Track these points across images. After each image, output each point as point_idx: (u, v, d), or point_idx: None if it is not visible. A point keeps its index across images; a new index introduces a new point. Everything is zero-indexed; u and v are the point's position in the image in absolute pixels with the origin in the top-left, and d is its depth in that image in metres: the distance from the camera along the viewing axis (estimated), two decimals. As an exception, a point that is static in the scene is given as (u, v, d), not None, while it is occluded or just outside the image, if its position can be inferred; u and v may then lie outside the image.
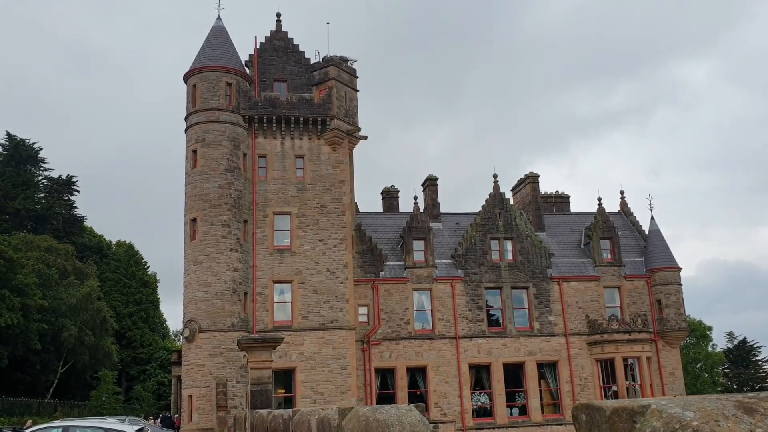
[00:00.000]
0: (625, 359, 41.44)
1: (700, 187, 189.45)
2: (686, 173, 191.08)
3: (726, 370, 71.82)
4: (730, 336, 76.85)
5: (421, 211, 44.75)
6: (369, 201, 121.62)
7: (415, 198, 44.70)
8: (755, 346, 74.51)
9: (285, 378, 37.93)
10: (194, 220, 39.19)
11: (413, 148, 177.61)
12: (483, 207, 44.67)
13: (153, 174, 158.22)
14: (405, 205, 48.89)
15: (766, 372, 73.35)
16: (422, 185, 48.24)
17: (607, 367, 41.86)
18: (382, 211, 48.68)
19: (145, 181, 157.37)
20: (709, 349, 67.92)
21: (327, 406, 7.56)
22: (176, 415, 47.01)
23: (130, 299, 71.89)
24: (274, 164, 41.42)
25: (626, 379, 41.32)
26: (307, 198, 41.18)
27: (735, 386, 72.09)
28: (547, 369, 42.53)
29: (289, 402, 37.03)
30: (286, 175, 41.39)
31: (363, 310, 41.45)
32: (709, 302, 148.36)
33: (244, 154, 40.68)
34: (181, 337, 40.20)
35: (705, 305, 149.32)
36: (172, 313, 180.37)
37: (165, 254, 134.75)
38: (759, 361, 73.94)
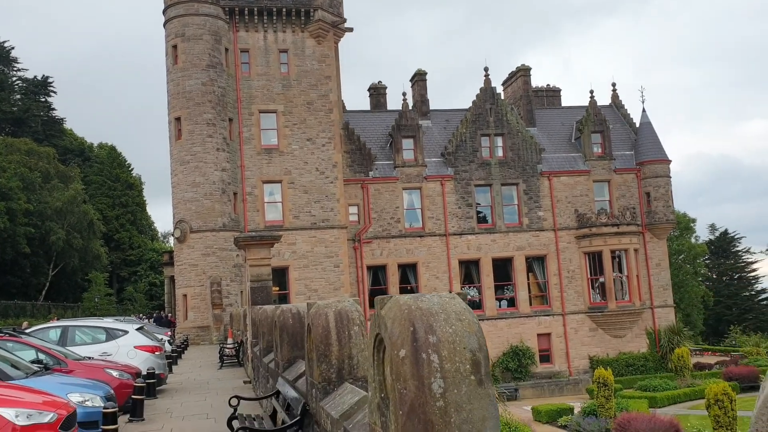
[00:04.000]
0: (612, 251, 42.03)
1: (690, 81, 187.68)
2: (678, 66, 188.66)
3: (707, 261, 73.58)
4: (712, 228, 78.25)
5: (410, 108, 43.80)
6: (355, 98, 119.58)
7: (404, 94, 43.64)
8: (736, 237, 76.06)
9: (279, 276, 38.17)
10: (178, 119, 38.20)
11: (401, 38, 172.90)
12: (473, 102, 43.77)
13: (134, 72, 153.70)
14: (393, 103, 47.89)
15: (745, 262, 75.31)
16: (411, 81, 47.02)
17: (595, 259, 42.50)
18: (369, 108, 47.68)
19: (126, 79, 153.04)
20: (693, 240, 69.24)
21: (343, 298, 7.28)
22: (170, 314, 47.65)
23: (116, 202, 71.34)
24: (257, 59, 40.02)
25: (613, 271, 42.09)
26: (292, 95, 40.09)
27: (715, 276, 74.13)
28: (536, 263, 43.13)
29: (283, 299, 37.48)
30: (270, 71, 40.10)
31: (353, 209, 41.35)
32: (692, 195, 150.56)
33: (226, 49, 39.18)
34: (172, 237, 40.10)
35: (688, 198, 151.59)
36: (160, 215, 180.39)
37: (149, 155, 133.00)
38: (739, 251, 75.68)
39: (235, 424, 9.02)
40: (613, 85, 49.50)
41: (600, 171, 44.13)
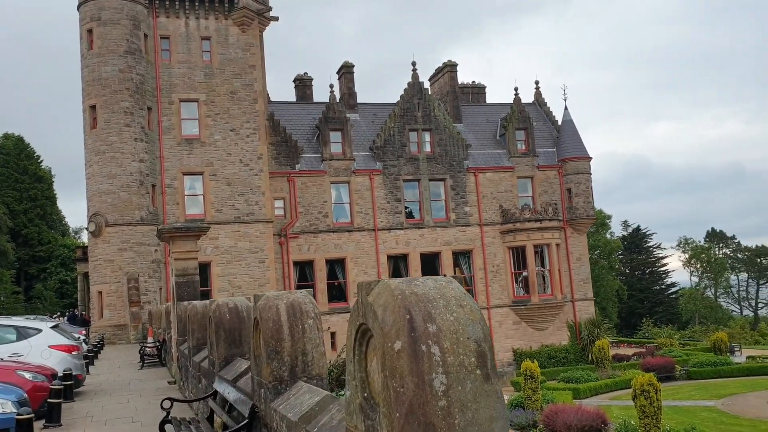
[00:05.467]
0: (535, 246, 42.80)
1: (606, 82, 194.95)
2: (595, 67, 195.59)
3: (621, 256, 76.40)
4: (626, 224, 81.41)
5: (338, 100, 43.21)
6: (281, 89, 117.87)
7: (331, 86, 43.01)
8: (647, 233, 79.34)
9: (200, 272, 36.81)
10: (93, 107, 36.25)
11: (327, 29, 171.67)
12: (401, 97, 43.61)
13: (44, 57, 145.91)
14: (319, 95, 47.27)
15: (656, 257, 78.67)
16: (338, 73, 46.41)
17: (519, 254, 43.17)
18: (295, 100, 46.77)
19: (35, 65, 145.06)
20: (608, 236, 71.70)
21: (294, 291, 6.68)
22: (84, 312, 45.31)
23: (24, 195, 67.29)
24: (178, 46, 38.48)
25: (536, 265, 42.87)
26: (215, 84, 38.77)
27: (628, 270, 77.08)
28: (462, 257, 43.44)
29: (205, 295, 36.10)
30: (191, 59, 38.63)
31: (279, 203, 40.41)
32: (606, 193, 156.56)
33: (146, 35, 37.46)
34: (86, 231, 38.03)
35: (602, 195, 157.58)
36: (72, 210, 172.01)
37: (60, 147, 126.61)
38: (650, 247, 78.99)
39: (169, 428, 8.27)
40: (536, 83, 50.46)
41: (524, 167, 44.85)
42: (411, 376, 3.27)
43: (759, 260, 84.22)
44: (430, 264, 42.49)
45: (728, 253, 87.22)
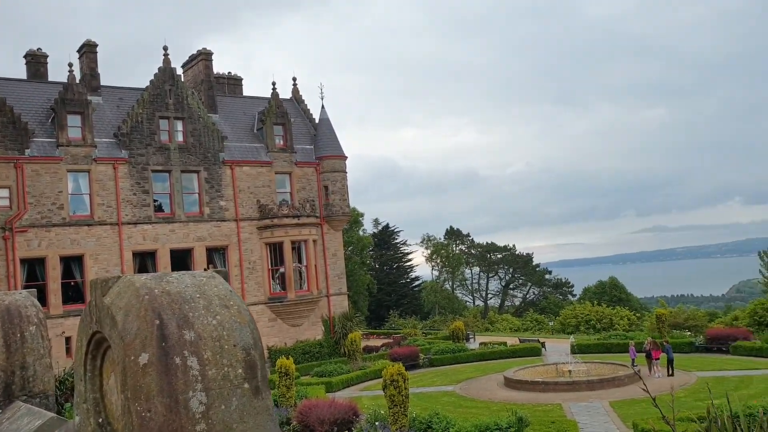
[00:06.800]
0: (293, 242, 42.89)
1: (359, 86, 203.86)
2: (349, 70, 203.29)
3: (372, 252, 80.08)
4: (376, 222, 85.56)
5: (78, 81, 39.21)
6: (8, 65, 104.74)
7: (70, 65, 38.90)
8: (395, 230, 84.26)
9: None
10: None
11: (67, 3, 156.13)
12: (151, 82, 40.87)
13: None
14: (56, 74, 42.60)
15: (402, 252, 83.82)
16: (78, 51, 42.18)
17: (276, 250, 42.92)
18: (26, 78, 41.62)
19: None
20: (360, 233, 74.65)
21: (13, 292, 5.50)
22: None
23: None
24: None
25: (293, 261, 42.96)
26: (-77, 52, 32.92)
27: (377, 266, 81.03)
28: (217, 254, 42.00)
29: None
30: None
31: (4, 192, 35.65)
32: (358, 192, 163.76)
33: None
34: None
35: (355, 194, 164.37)
36: None
37: None
38: (397, 243, 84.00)
39: None
40: (294, 79, 50.63)
41: (282, 163, 44.68)
42: (161, 396, 2.59)
43: (488, 255, 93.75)
44: (182, 261, 40.42)
45: (464, 249, 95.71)
